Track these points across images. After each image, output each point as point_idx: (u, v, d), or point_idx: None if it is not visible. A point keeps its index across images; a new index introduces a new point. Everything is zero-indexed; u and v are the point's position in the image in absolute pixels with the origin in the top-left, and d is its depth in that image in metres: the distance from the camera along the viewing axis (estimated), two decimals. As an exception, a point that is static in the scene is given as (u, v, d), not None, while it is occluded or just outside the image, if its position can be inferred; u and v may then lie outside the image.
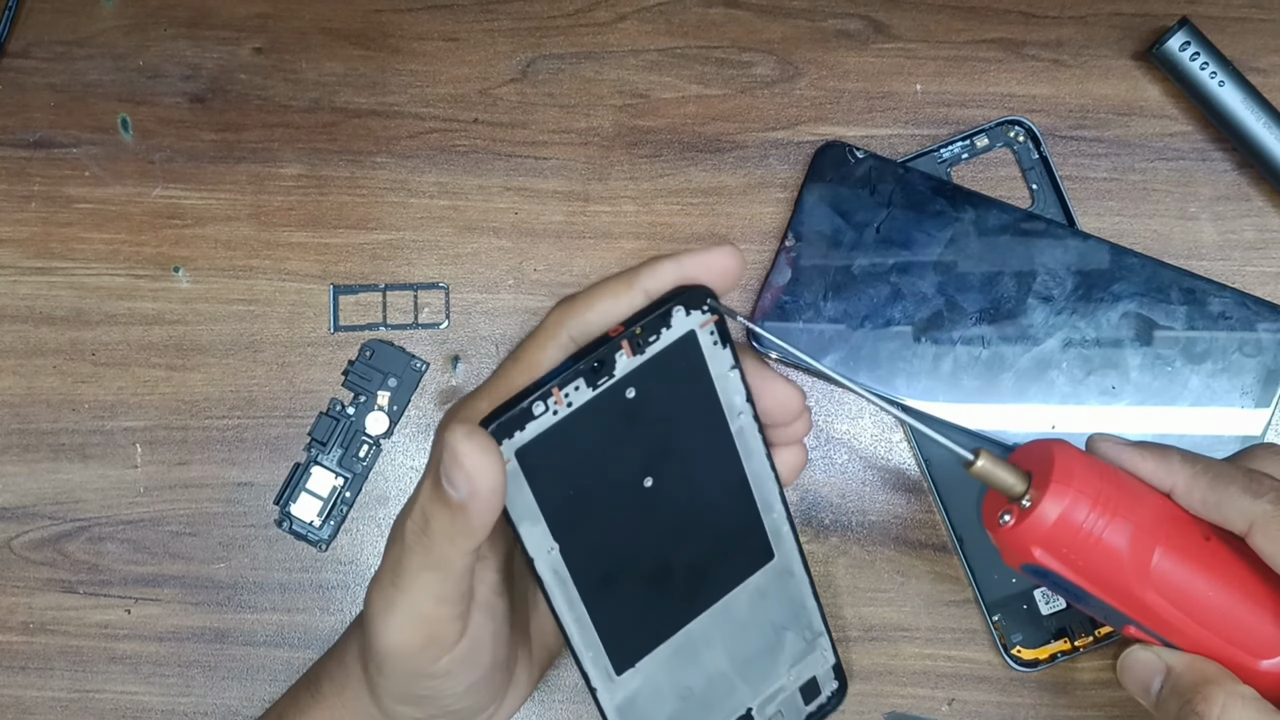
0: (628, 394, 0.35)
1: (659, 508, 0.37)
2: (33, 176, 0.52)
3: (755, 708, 0.41)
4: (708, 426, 0.37)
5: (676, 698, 0.39)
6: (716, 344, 0.36)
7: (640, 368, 0.35)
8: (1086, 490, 0.38)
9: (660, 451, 0.37)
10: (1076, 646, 0.49)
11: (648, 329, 0.35)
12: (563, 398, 0.35)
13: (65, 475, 0.51)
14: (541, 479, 0.36)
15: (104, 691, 0.51)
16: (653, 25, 0.52)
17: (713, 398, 0.36)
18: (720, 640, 0.39)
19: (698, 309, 0.35)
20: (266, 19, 0.52)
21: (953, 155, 0.51)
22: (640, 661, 0.39)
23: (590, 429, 0.35)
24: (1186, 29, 0.49)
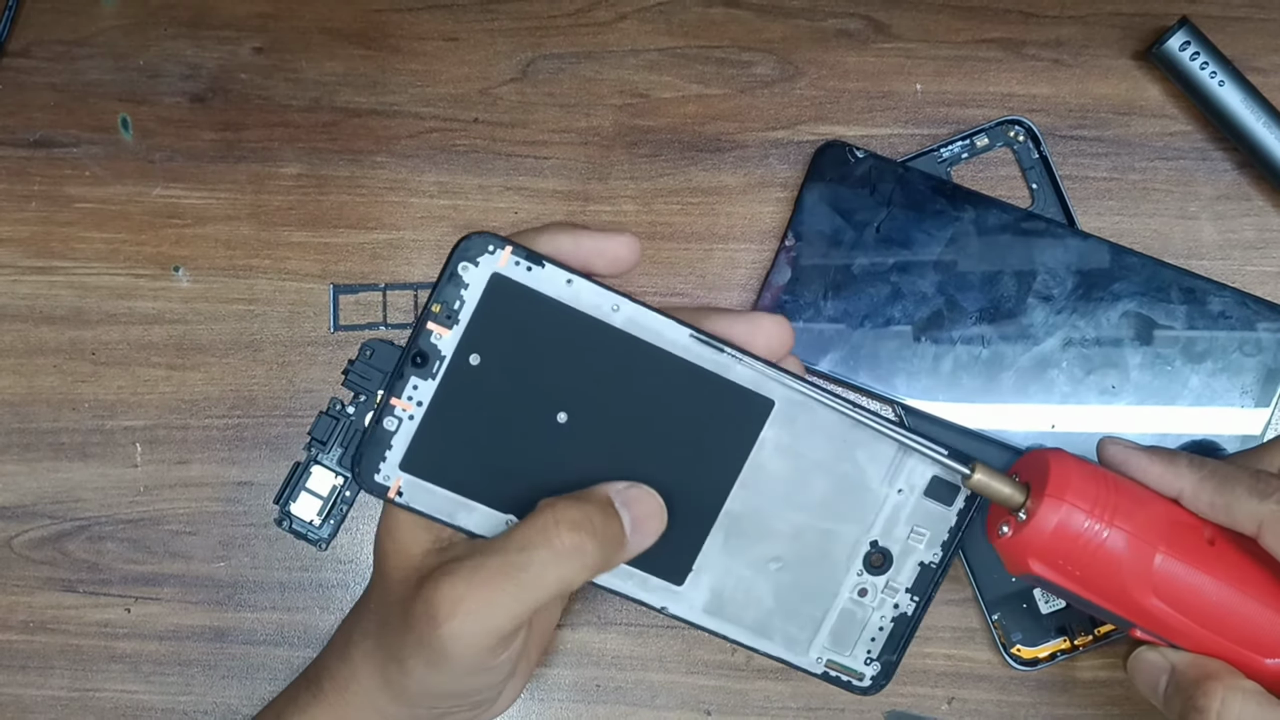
0: (472, 361, 0.36)
1: (590, 430, 0.37)
2: (33, 176, 0.52)
3: (879, 538, 0.39)
4: (589, 337, 0.36)
5: (768, 571, 0.39)
6: (532, 269, 0.36)
7: (468, 334, 0.36)
8: (1083, 499, 0.38)
9: (556, 387, 0.36)
10: (1076, 645, 0.49)
11: (443, 299, 0.35)
12: (407, 402, 0.36)
13: (65, 474, 0.51)
14: (447, 473, 0.36)
15: (104, 690, 0.51)
16: (653, 25, 0.52)
17: (571, 313, 0.36)
18: (774, 500, 0.38)
19: (484, 254, 0.35)
20: (267, 19, 0.52)
21: (953, 155, 0.51)
22: (696, 562, 0.38)
23: (460, 408, 0.36)
24: (1186, 29, 0.49)
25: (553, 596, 0.35)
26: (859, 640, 0.40)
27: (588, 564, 0.35)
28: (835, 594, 0.39)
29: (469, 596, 0.35)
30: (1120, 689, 0.50)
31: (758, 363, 0.37)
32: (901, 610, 0.40)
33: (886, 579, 0.39)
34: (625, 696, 0.51)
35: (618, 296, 0.36)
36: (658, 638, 0.51)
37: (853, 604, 0.39)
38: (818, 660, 0.40)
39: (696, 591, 0.39)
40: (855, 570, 0.39)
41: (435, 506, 0.37)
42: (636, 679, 0.51)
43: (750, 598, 0.39)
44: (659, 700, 0.51)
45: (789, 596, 0.39)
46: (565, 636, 0.51)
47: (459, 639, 0.35)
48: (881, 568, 0.39)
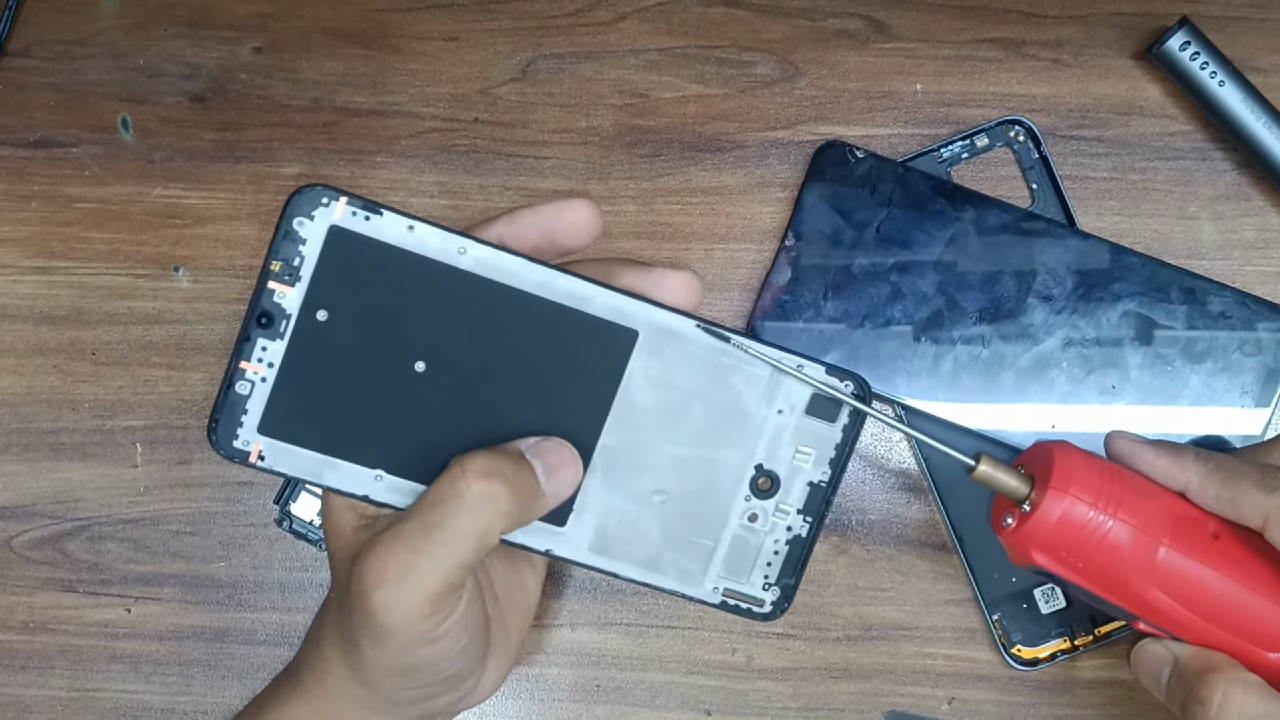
0: (320, 318, 0.35)
1: (450, 378, 0.36)
2: (33, 176, 0.52)
3: (763, 461, 0.38)
4: (438, 283, 0.36)
5: (653, 504, 0.38)
6: (370, 218, 0.35)
7: (312, 290, 0.35)
8: (1087, 491, 0.38)
9: (411, 336, 0.36)
10: (1076, 645, 0.49)
11: (282, 257, 0.35)
12: (258, 365, 0.35)
13: (65, 474, 0.51)
14: (307, 433, 0.36)
15: (104, 690, 0.51)
16: (653, 25, 0.52)
17: (417, 259, 0.35)
18: (650, 433, 0.38)
19: (318, 207, 0.35)
20: (267, 18, 0.52)
21: (953, 155, 0.51)
22: (576, 501, 0.38)
23: (313, 365, 0.36)
24: (1186, 28, 0.49)
25: (475, 550, 0.35)
26: (754, 566, 0.39)
27: (501, 510, 0.35)
28: (725, 522, 0.39)
29: (390, 563, 0.35)
30: (1121, 689, 0.50)
31: (617, 293, 0.36)
32: (795, 532, 0.39)
33: (776, 502, 0.39)
34: (625, 696, 0.51)
35: (464, 239, 0.36)
36: (658, 638, 0.51)
37: (744, 530, 0.39)
38: (714, 590, 0.39)
39: (580, 531, 0.38)
40: (743, 496, 0.38)
41: (300, 468, 0.36)
42: (637, 679, 0.51)
43: (637, 533, 0.38)
44: (659, 700, 0.51)
45: (677, 529, 0.39)
46: (565, 637, 0.51)
47: (390, 609, 0.35)
48: (769, 491, 0.38)
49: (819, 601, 0.51)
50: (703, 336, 0.37)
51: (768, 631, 0.51)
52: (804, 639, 0.51)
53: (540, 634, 0.51)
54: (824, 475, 0.39)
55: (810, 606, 0.51)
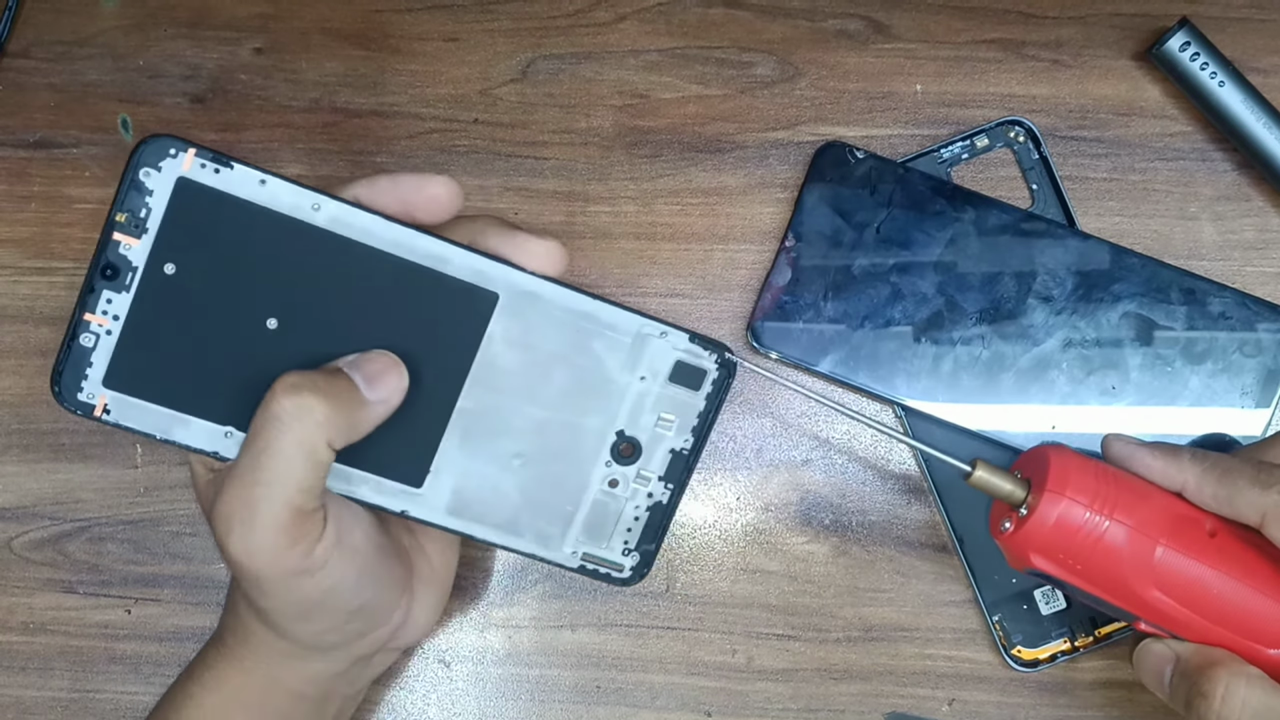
0: (168, 271, 0.35)
1: (302, 335, 0.36)
2: (33, 177, 0.52)
3: (625, 427, 0.38)
4: (291, 239, 0.35)
5: (512, 468, 0.38)
6: (220, 170, 0.35)
7: (159, 242, 0.35)
8: (1083, 493, 0.38)
9: (263, 292, 0.35)
10: (1077, 646, 0.49)
11: (128, 208, 0.34)
12: (102, 316, 0.35)
13: (65, 475, 0.51)
14: (156, 388, 0.36)
15: (104, 691, 0.51)
16: (653, 25, 0.52)
17: (269, 214, 0.35)
18: (510, 396, 0.37)
19: (166, 158, 0.34)
20: (267, 19, 0.52)
21: (953, 155, 0.51)
22: (433, 463, 0.38)
23: (161, 319, 0.35)
24: (1186, 29, 0.49)
25: (307, 469, 0.35)
26: (614, 531, 0.39)
27: (319, 420, 0.34)
28: (585, 486, 0.39)
29: (230, 505, 0.35)
30: (1121, 690, 0.50)
31: (477, 255, 0.36)
32: (656, 499, 0.39)
33: (637, 468, 0.39)
34: (625, 698, 0.51)
35: (318, 195, 0.35)
36: (658, 639, 0.51)
37: (605, 495, 0.39)
38: (573, 554, 0.39)
39: (437, 493, 0.38)
40: (604, 461, 0.38)
41: (148, 423, 0.36)
42: (637, 680, 0.51)
43: (496, 496, 0.38)
44: (659, 701, 0.51)
45: (537, 492, 0.38)
46: (565, 638, 0.51)
47: (248, 552, 0.35)
48: (631, 457, 0.38)
49: (819, 603, 0.51)
50: (565, 300, 0.37)
51: (768, 633, 0.51)
52: (804, 640, 0.51)
53: (540, 635, 0.51)
54: (686, 443, 0.39)
55: (810, 608, 0.51)
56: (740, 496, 0.51)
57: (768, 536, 0.51)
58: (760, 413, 0.51)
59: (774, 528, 0.51)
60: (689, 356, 0.38)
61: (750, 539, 0.51)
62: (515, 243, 0.37)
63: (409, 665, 0.51)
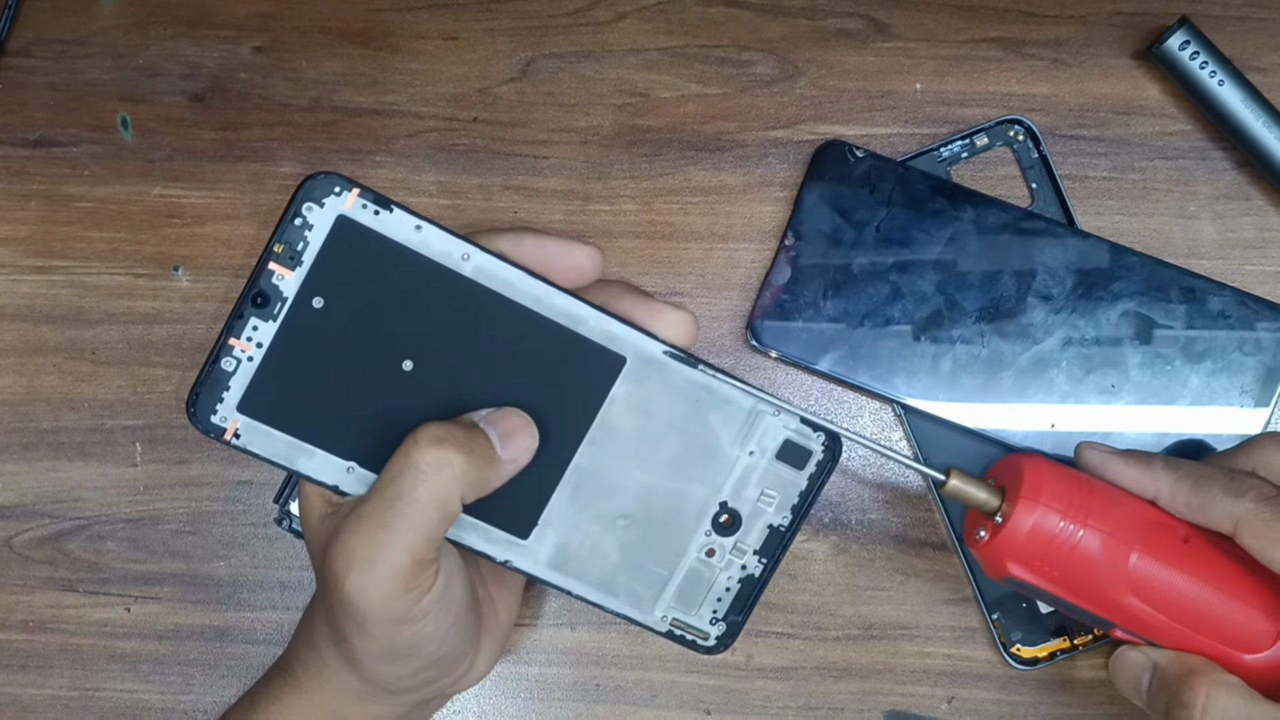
0: (315, 304, 0.35)
1: (435, 380, 0.36)
2: (32, 175, 0.52)
3: (728, 499, 0.39)
4: (437, 285, 0.36)
5: (616, 528, 0.39)
6: (379, 213, 0.35)
7: (311, 276, 0.35)
8: (1057, 501, 0.39)
9: (404, 334, 0.36)
10: (1076, 645, 0.49)
11: (286, 240, 0.35)
12: (246, 343, 0.35)
13: (65, 474, 0.51)
14: (287, 417, 0.36)
15: (104, 690, 0.51)
16: (652, 24, 0.52)
17: (420, 259, 0.36)
18: (624, 458, 0.38)
19: (330, 195, 0.35)
20: (267, 18, 0.52)
21: (952, 154, 0.51)
22: (542, 516, 0.38)
23: (302, 351, 0.36)
24: (1186, 28, 0.49)
25: (438, 519, 0.35)
26: (705, 600, 0.40)
27: (457, 475, 0.35)
28: (683, 553, 0.39)
29: (356, 546, 0.35)
30: (1120, 688, 0.50)
31: (612, 319, 0.37)
32: (749, 571, 0.40)
33: (735, 540, 0.39)
34: (625, 696, 0.51)
35: (468, 245, 0.36)
36: (657, 638, 0.51)
37: (700, 564, 0.39)
38: (663, 618, 0.40)
39: (542, 546, 0.38)
40: (704, 530, 0.39)
41: (273, 451, 0.37)
42: (636, 678, 0.51)
43: (596, 554, 0.39)
44: (659, 699, 0.51)
45: (636, 554, 0.39)
46: (565, 636, 0.51)
47: (364, 592, 0.35)
48: (730, 529, 0.39)
49: (819, 601, 0.51)
50: (688, 372, 0.38)
51: (767, 631, 0.51)
52: (803, 638, 0.51)
53: (540, 634, 0.51)
54: (785, 520, 0.39)
55: (810, 606, 0.51)
56: (740, 495, 0.51)
57: (767, 535, 0.51)
58: (760, 411, 0.51)
59: (773, 526, 0.51)
60: (798, 436, 0.39)
61: (750, 537, 0.51)
62: (650, 310, 0.38)
63: (409, 664, 0.51)
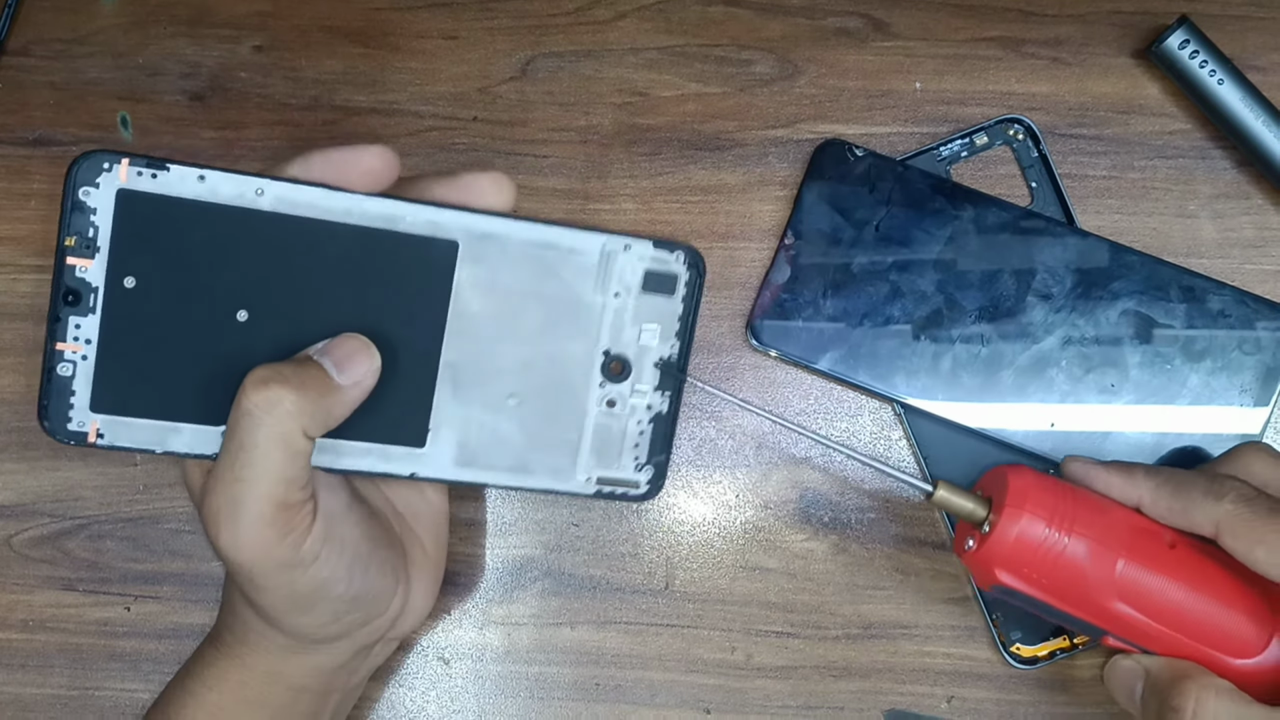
0: (129, 285, 0.35)
1: (273, 323, 0.36)
2: (33, 174, 0.52)
3: (610, 345, 0.38)
4: (242, 229, 0.35)
5: (508, 409, 0.38)
6: (157, 175, 0.35)
7: (114, 259, 0.35)
8: (1042, 509, 0.39)
9: (226, 287, 0.35)
10: (1075, 644, 0.49)
11: (75, 231, 0.34)
12: (75, 344, 0.35)
13: (65, 473, 0.51)
14: (142, 402, 0.36)
15: (104, 689, 0.51)
16: (652, 23, 0.52)
17: (215, 209, 0.35)
18: (491, 340, 0.37)
19: (101, 173, 0.34)
20: (266, 17, 0.52)
21: (952, 153, 0.51)
22: (430, 420, 0.38)
23: (133, 334, 0.35)
24: (1186, 27, 0.49)
25: (284, 460, 0.35)
26: (623, 450, 0.39)
27: (291, 411, 0.34)
28: (584, 412, 0.39)
29: (218, 504, 0.35)
30: (1119, 687, 0.50)
31: (428, 206, 0.36)
32: (655, 410, 0.39)
33: (630, 384, 0.39)
34: (625, 695, 0.51)
35: (258, 179, 0.35)
36: (657, 636, 0.51)
37: (605, 417, 0.39)
38: (587, 481, 0.39)
39: (441, 449, 0.38)
40: (596, 384, 0.39)
41: (143, 439, 0.36)
42: (636, 677, 0.51)
43: (499, 440, 0.38)
44: (658, 699, 0.51)
45: (538, 428, 0.38)
46: (564, 635, 0.51)
47: (236, 547, 0.35)
48: (622, 375, 0.39)
49: (818, 600, 0.51)
50: (524, 232, 0.37)
51: (767, 630, 0.51)
52: (803, 637, 0.51)
53: (539, 633, 0.51)
54: (673, 348, 0.39)
55: (809, 605, 0.51)
56: (739, 494, 0.51)
57: (767, 534, 0.51)
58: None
59: (773, 525, 0.51)
60: (657, 264, 0.38)
61: (749, 536, 0.51)
62: (461, 185, 0.37)
63: (408, 662, 0.51)
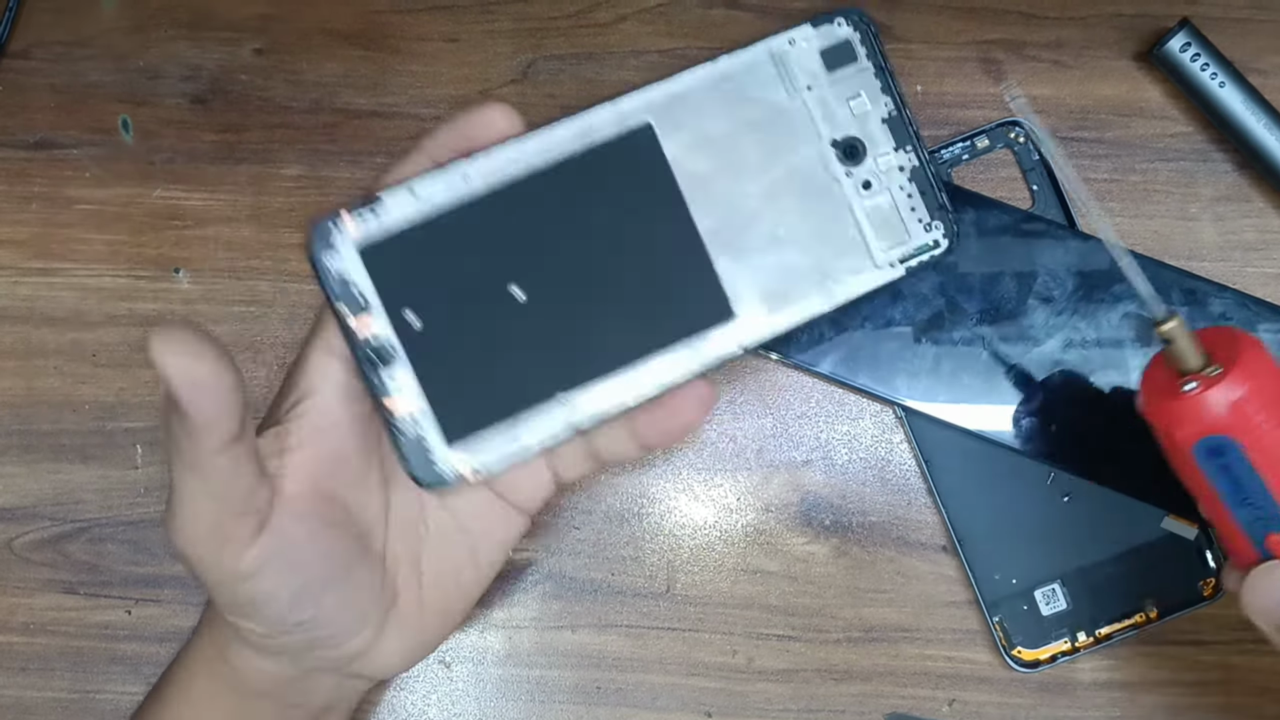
0: (416, 325, 0.35)
1: (552, 286, 0.36)
2: (33, 177, 0.52)
3: (831, 134, 0.37)
4: (473, 220, 0.35)
5: (781, 242, 0.38)
6: (376, 210, 0.35)
7: (389, 306, 0.35)
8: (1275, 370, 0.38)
9: (494, 281, 0.36)
10: (1077, 647, 0.49)
11: (341, 298, 0.35)
12: (404, 399, 0.35)
13: (66, 476, 0.51)
14: (484, 412, 0.36)
15: (104, 692, 0.51)
16: (653, 26, 0.52)
17: (443, 217, 0.35)
18: (730, 192, 0.37)
19: (333, 236, 0.34)
20: (267, 20, 0.52)
21: (953, 156, 0.51)
22: (725, 292, 0.37)
23: (446, 361, 0.36)
24: (1187, 30, 0.49)
25: (213, 477, 0.34)
26: (902, 219, 0.38)
27: (195, 438, 0.34)
28: (849, 205, 0.38)
29: (176, 510, 0.35)
30: (1122, 691, 0.50)
31: (606, 104, 0.37)
32: (910, 166, 0.38)
33: (872, 157, 0.38)
34: (626, 698, 0.51)
35: (459, 166, 0.35)
36: (658, 639, 0.51)
37: (869, 199, 0.38)
38: (890, 264, 0.38)
39: (750, 309, 0.37)
40: (844, 175, 0.38)
41: (506, 448, 0.36)
42: (637, 680, 0.51)
43: (791, 272, 0.38)
44: (659, 702, 0.51)
45: (816, 245, 0.38)
46: (565, 639, 0.51)
47: (170, 529, 0.35)
48: (858, 154, 0.38)
49: (819, 603, 0.51)
50: (698, 79, 0.37)
51: (768, 633, 0.51)
52: (804, 641, 0.51)
53: (540, 636, 0.51)
54: (888, 105, 0.38)
55: (810, 608, 0.51)
56: (740, 497, 0.51)
57: (768, 537, 0.51)
58: (760, 413, 0.51)
59: (774, 528, 0.51)
60: (826, 40, 0.38)
61: (750, 539, 0.51)
62: (466, 123, 0.36)
63: (409, 666, 0.51)
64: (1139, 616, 0.49)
